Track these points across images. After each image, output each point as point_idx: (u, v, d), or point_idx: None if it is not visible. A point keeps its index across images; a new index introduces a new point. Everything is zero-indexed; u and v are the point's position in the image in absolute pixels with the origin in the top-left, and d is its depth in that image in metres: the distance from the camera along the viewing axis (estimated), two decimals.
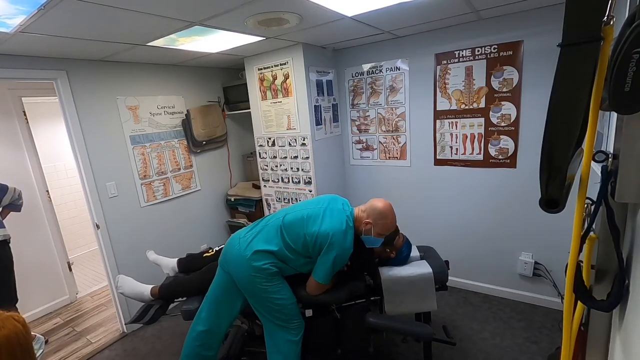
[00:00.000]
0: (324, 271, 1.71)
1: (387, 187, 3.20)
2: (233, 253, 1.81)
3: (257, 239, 1.79)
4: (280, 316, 1.77)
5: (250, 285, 1.75)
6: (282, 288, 1.77)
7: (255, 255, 1.73)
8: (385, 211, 1.77)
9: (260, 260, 1.73)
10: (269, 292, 1.73)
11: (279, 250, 1.74)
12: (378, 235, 1.77)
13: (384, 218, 1.77)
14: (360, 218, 1.79)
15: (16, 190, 2.56)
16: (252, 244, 1.77)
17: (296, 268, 1.80)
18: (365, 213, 1.79)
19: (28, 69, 2.28)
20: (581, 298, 0.82)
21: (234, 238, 1.88)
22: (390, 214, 1.79)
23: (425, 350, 1.91)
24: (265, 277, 1.72)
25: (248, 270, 1.73)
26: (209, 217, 3.57)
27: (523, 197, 2.53)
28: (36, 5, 1.43)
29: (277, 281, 1.76)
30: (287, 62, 2.83)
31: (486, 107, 2.55)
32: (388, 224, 1.78)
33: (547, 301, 2.63)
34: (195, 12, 1.74)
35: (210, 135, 3.41)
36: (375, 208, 1.78)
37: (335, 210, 1.77)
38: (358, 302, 1.90)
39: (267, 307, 1.77)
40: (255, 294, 1.77)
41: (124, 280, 2.11)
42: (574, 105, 0.68)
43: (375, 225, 1.75)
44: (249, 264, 1.73)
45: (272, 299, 1.74)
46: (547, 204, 0.76)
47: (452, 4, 2.04)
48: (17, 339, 0.96)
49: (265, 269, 1.72)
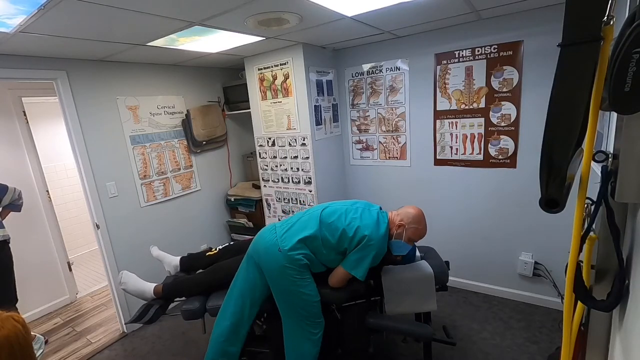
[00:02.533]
0: (362, 266, 1.71)
1: (387, 187, 3.20)
2: (266, 243, 1.81)
3: (292, 230, 1.80)
4: (302, 312, 1.77)
5: (280, 277, 1.75)
6: (310, 284, 1.77)
7: (289, 245, 1.73)
8: (418, 217, 1.81)
9: (293, 250, 1.73)
10: (297, 284, 1.73)
11: (313, 238, 1.74)
12: (408, 240, 1.80)
13: (417, 223, 1.79)
14: (393, 221, 1.81)
15: (16, 190, 2.56)
16: (288, 234, 1.79)
17: (325, 263, 1.81)
18: (399, 216, 1.82)
19: (28, 69, 2.28)
20: (581, 298, 0.82)
21: (267, 228, 1.90)
22: (423, 220, 1.82)
23: (425, 350, 1.91)
24: (296, 269, 1.72)
25: (281, 260, 1.73)
26: (209, 217, 3.57)
27: (523, 197, 2.53)
28: (36, 5, 1.43)
29: (307, 275, 1.76)
30: (287, 62, 2.83)
31: (486, 107, 2.55)
32: (420, 229, 1.81)
33: (547, 301, 2.63)
34: (195, 12, 1.74)
35: (210, 135, 3.41)
36: (410, 213, 1.82)
37: (373, 210, 1.83)
38: (358, 302, 1.90)
39: (292, 302, 1.77)
40: (283, 287, 1.76)
41: (128, 276, 2.10)
42: (574, 105, 0.68)
43: (407, 229, 1.78)
44: (282, 253, 1.73)
45: (299, 293, 1.74)
46: (547, 203, 0.75)
47: (452, 4, 2.04)
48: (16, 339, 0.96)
49: (298, 259, 1.72)
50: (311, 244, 1.75)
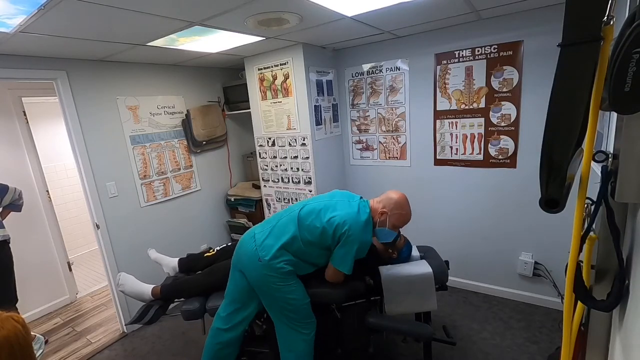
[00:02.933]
0: (347, 261, 1.68)
1: (387, 187, 3.12)
2: (246, 252, 1.78)
3: (271, 236, 1.75)
4: (292, 316, 1.75)
5: (263, 285, 1.72)
6: (297, 288, 1.74)
7: (270, 254, 1.69)
8: (401, 202, 1.75)
9: (274, 259, 1.69)
10: (282, 291, 1.70)
11: (293, 242, 1.70)
12: (393, 227, 1.75)
13: (400, 209, 1.74)
14: (375, 208, 1.76)
15: (16, 191, 2.56)
16: (266, 242, 1.74)
17: (312, 261, 1.77)
18: (381, 204, 1.76)
19: (28, 69, 2.28)
20: (581, 298, 0.82)
21: (247, 235, 1.85)
22: (406, 205, 1.77)
23: (425, 350, 1.91)
24: (279, 277, 1.69)
25: (261, 269, 1.70)
26: (209, 217, 3.57)
27: (523, 197, 2.53)
28: (36, 5, 1.43)
29: (292, 281, 1.72)
30: (287, 62, 2.83)
31: (486, 107, 2.55)
32: (404, 215, 1.76)
33: (547, 301, 2.63)
34: (195, 12, 1.74)
35: (210, 135, 3.41)
36: (391, 198, 1.76)
37: (354, 202, 1.77)
38: (358, 302, 1.90)
39: (280, 306, 1.74)
40: (268, 294, 1.74)
41: (126, 278, 2.10)
42: (574, 105, 0.68)
43: (391, 216, 1.73)
44: (262, 263, 1.69)
45: (285, 299, 1.72)
46: (547, 203, 0.76)
47: (452, 4, 2.04)
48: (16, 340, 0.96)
49: (279, 268, 1.68)
50: (292, 248, 1.71)
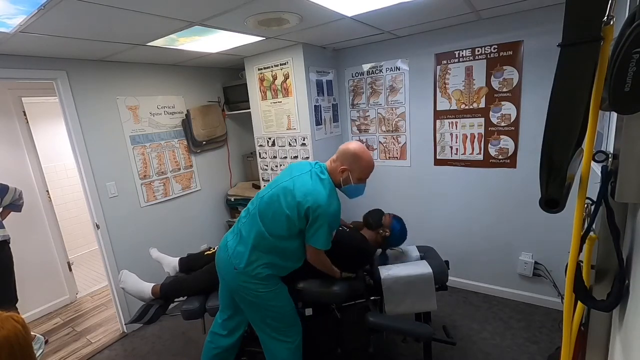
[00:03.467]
0: (321, 236, 1.56)
1: (387, 187, 3.20)
2: (223, 261, 1.73)
3: (242, 239, 1.68)
4: (275, 324, 1.69)
5: (242, 293, 1.67)
6: (279, 293, 1.67)
7: (244, 262, 1.62)
8: (358, 152, 1.61)
9: (249, 265, 1.61)
10: (263, 298, 1.64)
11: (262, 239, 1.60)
12: (358, 180, 1.64)
13: (359, 159, 1.61)
14: (334, 169, 1.64)
15: (17, 191, 2.56)
16: (238, 249, 1.67)
17: (292, 257, 1.67)
18: (338, 161, 1.63)
19: (28, 69, 2.28)
20: (581, 298, 0.82)
21: (222, 242, 1.79)
22: (364, 153, 1.63)
23: (425, 350, 1.91)
24: (258, 283, 1.62)
25: (238, 278, 1.64)
26: (209, 217, 3.57)
27: (523, 197, 2.53)
28: (36, 5, 1.43)
29: (273, 286, 1.65)
30: (287, 62, 2.83)
31: (486, 107, 2.55)
32: (364, 165, 1.63)
33: (547, 301, 2.63)
34: (195, 12, 1.74)
35: (210, 135, 3.41)
36: (347, 151, 1.62)
37: (307, 173, 1.62)
38: (358, 302, 1.90)
39: (262, 315, 1.69)
40: (247, 301, 1.68)
41: (128, 275, 2.10)
42: (574, 105, 0.68)
43: (352, 171, 1.61)
44: (238, 271, 1.63)
45: (267, 306, 1.66)
46: (547, 203, 0.76)
47: (452, 4, 2.04)
48: (16, 340, 0.96)
49: (256, 274, 1.61)
50: (264, 246, 1.61)
